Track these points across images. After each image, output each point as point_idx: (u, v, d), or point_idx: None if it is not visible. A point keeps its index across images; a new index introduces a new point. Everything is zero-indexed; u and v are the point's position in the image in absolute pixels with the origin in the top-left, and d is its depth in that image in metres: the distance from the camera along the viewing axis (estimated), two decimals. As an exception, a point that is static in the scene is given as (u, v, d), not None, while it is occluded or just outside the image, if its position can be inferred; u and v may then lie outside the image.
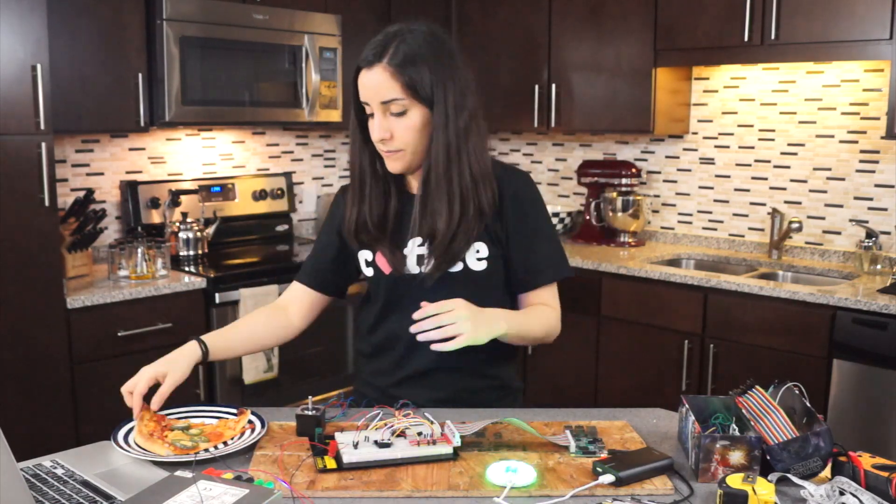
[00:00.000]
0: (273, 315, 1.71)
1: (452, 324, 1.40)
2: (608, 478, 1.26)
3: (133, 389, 1.47)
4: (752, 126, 3.62)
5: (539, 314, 1.62)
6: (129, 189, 3.37)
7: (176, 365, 1.51)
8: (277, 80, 3.42)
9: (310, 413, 1.41)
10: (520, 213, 1.59)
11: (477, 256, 1.57)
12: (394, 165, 1.54)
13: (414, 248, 1.57)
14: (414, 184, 1.61)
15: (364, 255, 1.64)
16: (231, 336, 1.65)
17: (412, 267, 1.58)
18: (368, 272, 1.63)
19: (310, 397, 1.47)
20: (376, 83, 1.47)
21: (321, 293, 1.73)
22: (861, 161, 3.33)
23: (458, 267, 1.56)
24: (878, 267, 3.19)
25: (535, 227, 1.61)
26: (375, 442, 1.34)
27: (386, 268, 1.59)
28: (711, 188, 3.78)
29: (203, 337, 1.58)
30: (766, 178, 3.60)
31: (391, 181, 1.60)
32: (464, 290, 1.52)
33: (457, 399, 1.62)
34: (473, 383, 1.64)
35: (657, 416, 1.59)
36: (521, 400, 1.74)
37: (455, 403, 1.61)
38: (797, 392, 1.37)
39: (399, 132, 1.49)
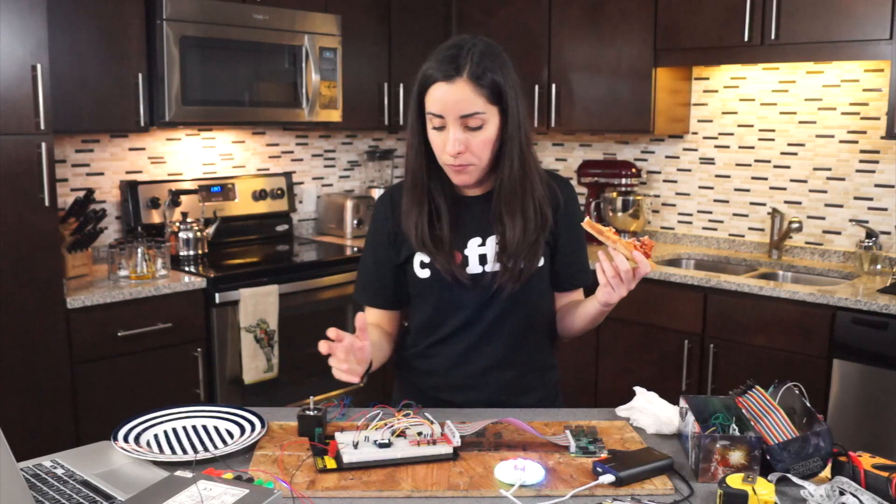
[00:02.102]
0: (378, 331, 1.70)
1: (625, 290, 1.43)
2: (608, 478, 1.26)
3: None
4: (752, 126, 3.62)
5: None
6: (129, 189, 3.37)
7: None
8: (277, 80, 3.42)
9: (311, 413, 1.41)
10: (570, 219, 1.65)
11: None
12: (462, 178, 1.55)
13: (475, 249, 1.60)
14: (466, 187, 1.62)
15: (421, 257, 1.63)
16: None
17: (474, 267, 1.60)
18: (423, 273, 1.62)
19: (311, 397, 1.47)
20: (458, 97, 1.47)
21: (395, 311, 1.73)
22: (861, 161, 3.33)
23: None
24: (878, 267, 3.19)
25: (579, 233, 1.67)
26: (375, 442, 1.34)
27: (453, 262, 1.60)
28: (711, 188, 3.78)
29: None
30: (766, 178, 3.60)
31: (448, 185, 1.61)
32: (528, 287, 1.59)
33: (501, 397, 1.65)
34: (524, 374, 1.68)
35: (657, 416, 1.59)
36: (558, 374, 1.78)
37: (500, 402, 1.64)
38: (797, 392, 1.37)
39: (474, 146, 1.50)
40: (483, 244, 1.60)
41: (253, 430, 1.45)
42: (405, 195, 1.62)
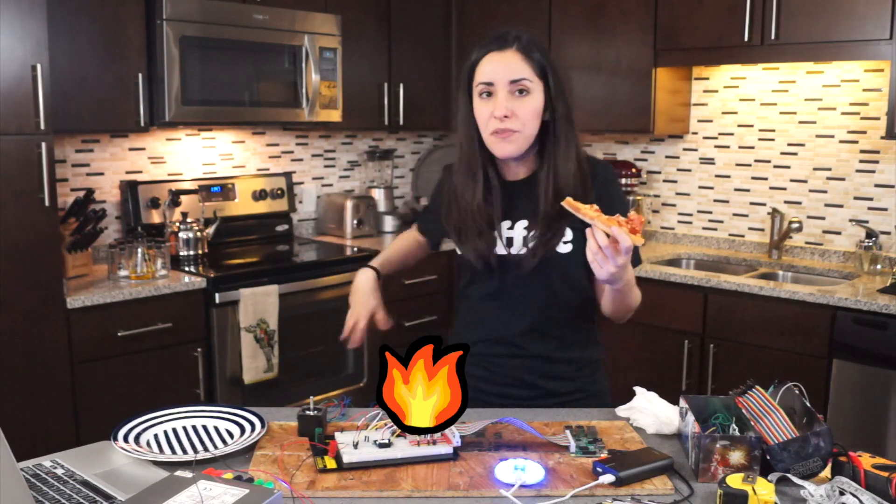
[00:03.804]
0: (413, 236, 1.94)
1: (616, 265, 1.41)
2: (608, 478, 1.26)
3: (357, 324, 1.74)
4: (752, 126, 3.62)
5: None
6: (129, 189, 3.37)
7: (371, 298, 1.75)
8: (277, 80, 3.42)
9: (311, 413, 1.41)
10: (608, 198, 1.64)
11: (563, 240, 1.65)
12: (506, 148, 1.61)
13: (504, 232, 1.67)
14: (510, 170, 1.69)
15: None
16: (391, 254, 1.88)
17: (500, 249, 1.67)
18: (459, 248, 1.73)
19: (311, 397, 1.47)
20: (508, 64, 1.59)
21: (431, 243, 1.94)
22: (861, 161, 3.33)
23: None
24: (878, 267, 3.19)
25: (621, 213, 1.64)
26: (375, 442, 1.34)
27: (485, 248, 1.67)
28: (711, 188, 3.78)
29: (371, 263, 1.81)
30: (766, 178, 3.60)
31: (490, 167, 1.68)
32: (553, 271, 1.64)
33: (540, 372, 1.70)
34: (560, 349, 1.71)
35: (657, 416, 1.59)
36: (603, 370, 1.82)
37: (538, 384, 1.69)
38: (797, 392, 1.37)
39: (521, 111, 1.59)
40: (512, 227, 1.67)
41: (253, 430, 1.45)
42: (456, 175, 1.70)
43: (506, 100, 1.58)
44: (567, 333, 1.71)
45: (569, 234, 1.65)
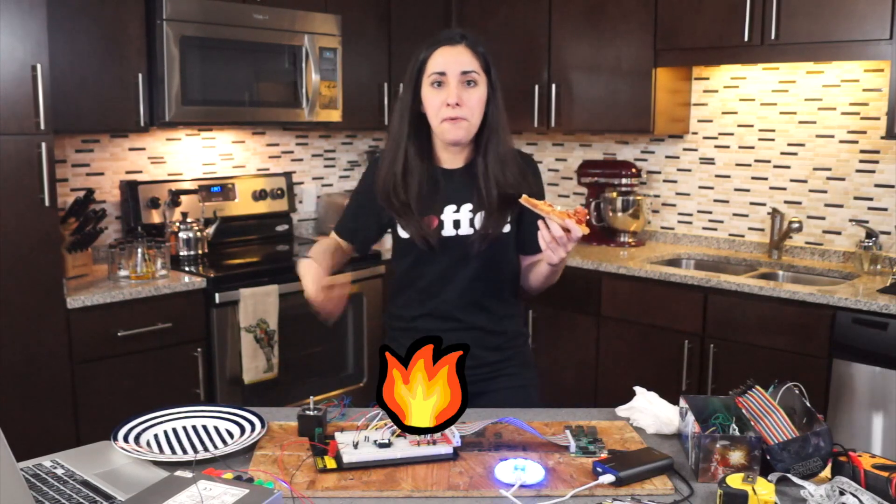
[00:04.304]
0: (334, 241, 1.98)
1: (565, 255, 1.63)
2: (608, 478, 1.26)
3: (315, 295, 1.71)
4: (752, 126, 3.62)
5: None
6: (129, 189, 3.37)
7: (312, 269, 1.74)
8: (277, 80, 3.42)
9: (311, 413, 1.41)
10: (536, 186, 1.86)
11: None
12: (456, 133, 1.75)
13: (450, 215, 1.80)
14: (445, 157, 1.84)
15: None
16: (319, 255, 1.87)
17: (448, 231, 1.80)
18: (405, 234, 1.81)
19: (311, 397, 1.47)
20: (460, 57, 1.75)
21: (353, 247, 1.98)
22: (861, 161, 3.33)
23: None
24: (878, 267, 3.19)
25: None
26: (375, 442, 1.34)
27: (430, 230, 1.80)
28: (711, 188, 3.78)
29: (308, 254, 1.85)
30: (766, 178, 3.60)
31: (425, 156, 1.82)
32: (494, 250, 1.80)
33: (477, 347, 1.74)
34: (495, 322, 1.86)
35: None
36: (530, 345, 2.00)
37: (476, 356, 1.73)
38: (797, 392, 1.37)
39: (470, 101, 1.74)
40: (458, 210, 1.80)
41: (253, 430, 1.45)
42: (383, 162, 1.83)
43: (457, 88, 1.73)
44: (500, 307, 1.86)
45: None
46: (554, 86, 3.83)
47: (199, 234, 3.37)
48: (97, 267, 3.16)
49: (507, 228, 1.81)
